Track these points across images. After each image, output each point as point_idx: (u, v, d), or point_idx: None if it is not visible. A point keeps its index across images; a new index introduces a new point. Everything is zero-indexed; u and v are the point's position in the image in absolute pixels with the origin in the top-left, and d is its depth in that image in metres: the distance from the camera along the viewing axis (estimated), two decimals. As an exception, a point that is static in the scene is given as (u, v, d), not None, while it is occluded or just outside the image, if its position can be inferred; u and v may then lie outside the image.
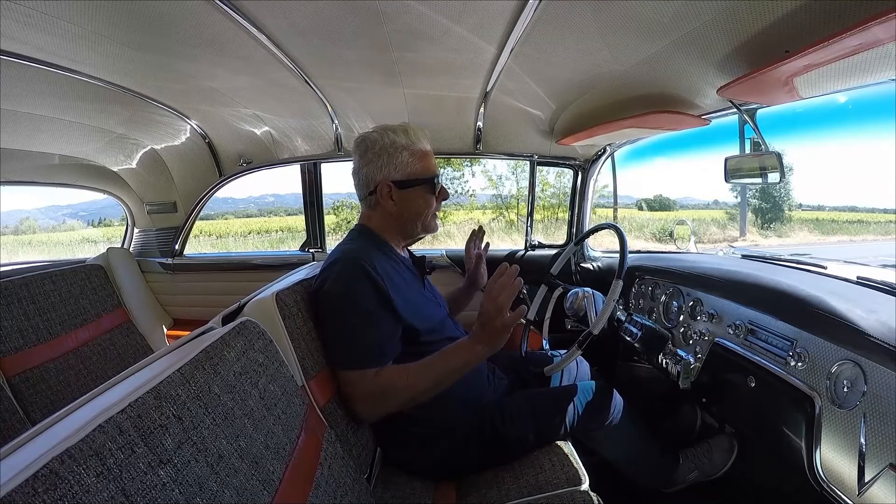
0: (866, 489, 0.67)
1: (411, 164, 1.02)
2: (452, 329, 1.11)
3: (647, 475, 1.23)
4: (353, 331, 0.91)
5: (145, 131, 1.68)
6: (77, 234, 11.70)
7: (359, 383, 0.90)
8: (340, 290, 0.92)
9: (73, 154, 1.75)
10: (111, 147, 1.75)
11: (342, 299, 0.92)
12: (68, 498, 0.37)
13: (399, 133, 1.03)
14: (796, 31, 0.77)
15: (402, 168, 1.02)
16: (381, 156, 1.02)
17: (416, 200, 1.04)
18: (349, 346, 0.91)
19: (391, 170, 1.02)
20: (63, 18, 0.88)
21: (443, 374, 0.91)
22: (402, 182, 1.02)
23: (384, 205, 1.04)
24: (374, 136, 1.03)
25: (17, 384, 1.29)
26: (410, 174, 1.03)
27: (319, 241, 1.99)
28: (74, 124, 1.50)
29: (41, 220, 12.37)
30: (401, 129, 1.03)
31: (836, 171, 10.58)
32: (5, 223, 11.18)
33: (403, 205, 1.04)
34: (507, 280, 0.84)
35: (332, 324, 0.93)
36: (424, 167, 1.04)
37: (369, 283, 0.91)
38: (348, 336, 0.91)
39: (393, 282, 0.95)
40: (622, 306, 1.50)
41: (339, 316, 0.92)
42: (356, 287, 0.91)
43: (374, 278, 0.91)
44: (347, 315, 0.91)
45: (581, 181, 1.88)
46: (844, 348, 0.77)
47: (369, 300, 0.91)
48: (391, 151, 1.02)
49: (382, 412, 0.92)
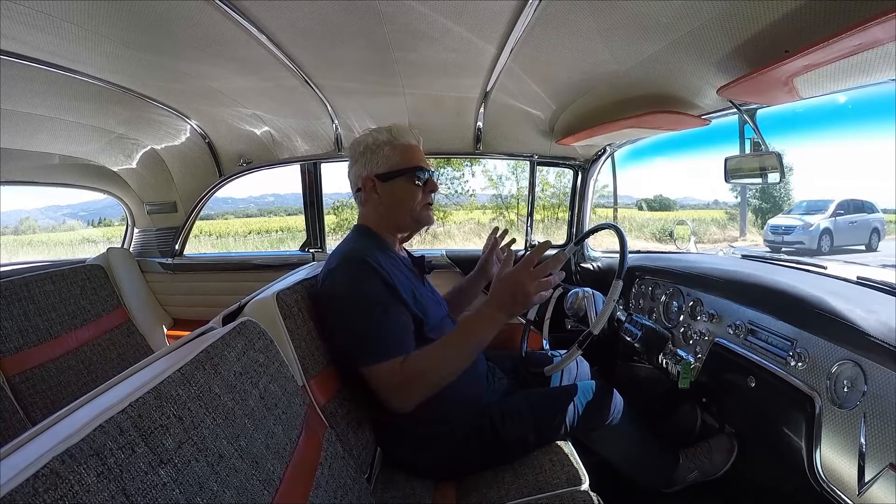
0: (866, 489, 0.67)
1: (392, 157, 1.04)
2: (451, 329, 1.11)
3: (647, 475, 1.23)
4: (371, 325, 0.90)
5: (145, 131, 1.68)
6: (77, 234, 11.70)
7: (387, 376, 0.89)
8: (350, 288, 0.92)
9: (73, 154, 1.75)
10: (111, 147, 1.75)
11: (354, 297, 0.92)
12: (69, 498, 0.37)
13: (383, 132, 1.06)
14: (796, 31, 0.77)
15: (384, 162, 1.04)
16: (365, 154, 1.06)
17: (399, 191, 1.05)
18: (370, 341, 0.90)
19: (374, 165, 1.05)
20: (63, 18, 0.88)
21: (469, 348, 0.92)
22: (384, 175, 1.04)
23: (371, 199, 1.06)
24: (362, 137, 1.08)
25: (17, 384, 1.29)
26: (392, 166, 1.04)
27: (319, 241, 1.99)
28: (74, 124, 1.50)
29: (41, 220, 12.38)
30: (386, 128, 1.07)
31: (836, 171, 10.59)
32: (5, 223, 11.20)
33: (388, 197, 1.05)
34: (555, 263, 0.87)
35: (347, 324, 0.93)
36: (406, 159, 1.05)
37: (377, 277, 0.92)
38: (367, 331, 0.90)
39: (397, 277, 0.96)
40: (622, 306, 1.50)
41: (353, 314, 0.92)
42: (365, 283, 0.92)
43: (381, 272, 0.92)
44: (362, 311, 0.91)
45: (581, 181, 1.88)
46: (844, 348, 0.77)
47: (380, 293, 0.92)
48: (374, 148, 1.05)
49: (418, 399, 0.91)
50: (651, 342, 1.24)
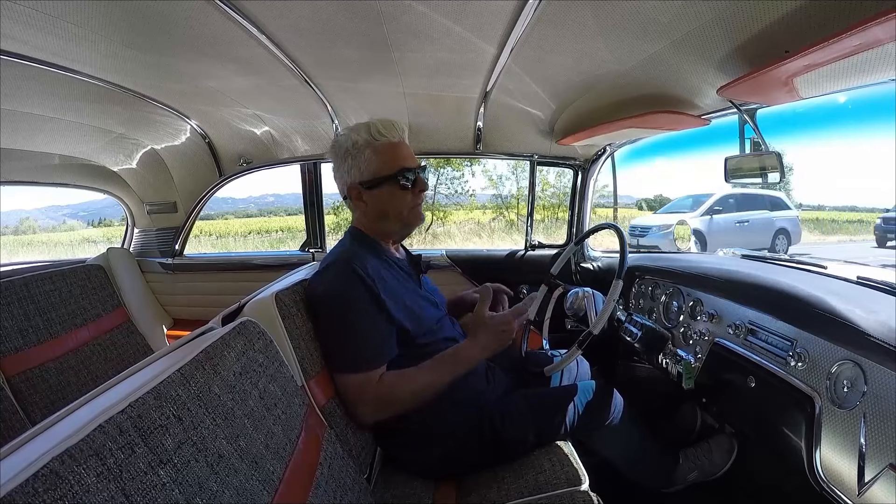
0: (866, 489, 0.67)
1: (375, 162, 0.99)
2: (450, 329, 1.11)
3: (647, 475, 1.23)
4: (348, 334, 0.91)
5: (145, 131, 1.68)
6: (77, 234, 11.70)
7: (359, 388, 0.91)
8: (333, 293, 0.93)
9: (73, 154, 1.75)
10: (111, 147, 1.75)
11: (335, 302, 0.92)
12: (68, 498, 0.37)
13: (361, 131, 0.99)
14: (796, 31, 0.77)
15: (367, 167, 0.99)
16: (346, 159, 1.01)
17: (386, 198, 1.01)
18: (346, 348, 0.91)
19: (357, 172, 1.00)
20: (63, 18, 0.88)
21: (446, 380, 0.94)
22: (369, 182, 1.00)
23: (358, 207, 1.04)
24: (341, 139, 1.02)
25: (17, 384, 1.29)
26: (375, 172, 0.99)
27: (319, 241, 1.99)
28: (74, 124, 1.50)
29: (41, 220, 12.39)
30: (364, 126, 1.00)
31: (837, 171, 10.59)
32: (5, 223, 11.21)
33: (375, 205, 1.02)
34: (515, 323, 0.96)
35: (327, 327, 0.94)
36: (389, 162, 0.99)
37: (361, 285, 0.91)
38: (345, 338, 0.91)
39: (386, 283, 0.95)
40: (622, 306, 1.50)
41: (333, 319, 0.93)
42: (348, 290, 0.91)
43: (366, 281, 0.91)
44: (342, 317, 0.91)
45: (581, 181, 1.88)
46: (844, 348, 0.77)
47: (363, 301, 0.91)
48: (354, 153, 0.99)
49: (383, 417, 0.93)
50: (651, 342, 1.24)
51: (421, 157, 2.06)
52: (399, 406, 0.93)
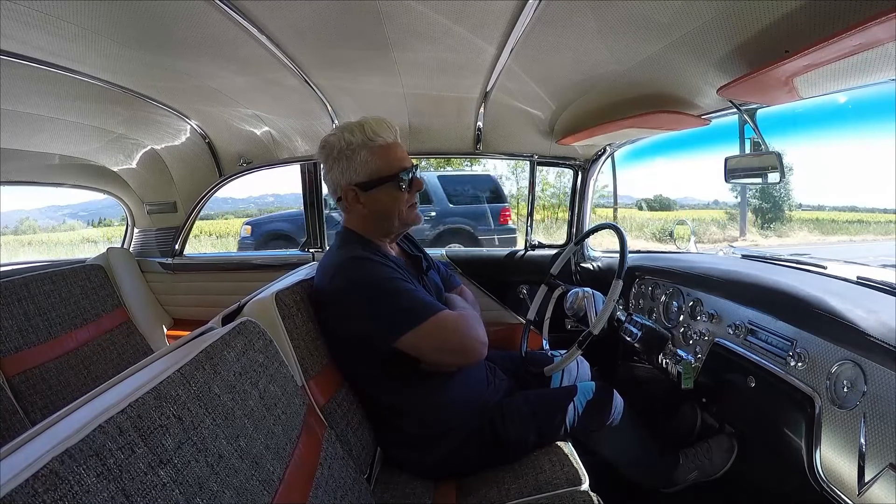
0: (866, 489, 0.67)
1: (372, 163, 0.98)
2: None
3: (647, 475, 1.23)
4: (396, 295, 0.90)
5: (145, 131, 1.68)
6: (77, 234, 11.70)
7: (438, 329, 0.90)
8: (356, 278, 0.92)
9: (73, 154, 1.75)
10: (111, 147, 1.75)
11: (371, 280, 0.91)
12: (68, 498, 0.37)
13: (355, 131, 0.98)
14: (796, 31, 0.77)
15: (363, 168, 0.98)
16: (339, 160, 0.99)
17: (384, 199, 1.00)
18: (402, 305, 0.89)
19: (352, 173, 0.98)
20: (63, 18, 0.88)
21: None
22: (366, 184, 0.98)
23: (354, 209, 1.02)
24: (332, 139, 1.00)
25: (17, 384, 1.29)
26: (373, 173, 0.98)
27: (319, 241, 1.99)
28: (74, 124, 1.50)
29: (41, 220, 12.39)
30: (357, 126, 0.98)
31: (837, 171, 10.59)
32: (5, 223, 11.21)
33: (373, 206, 1.01)
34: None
35: (369, 307, 0.90)
36: (387, 163, 0.99)
37: (379, 264, 0.92)
38: (395, 301, 0.90)
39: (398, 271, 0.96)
40: (622, 306, 1.50)
41: (375, 294, 0.90)
42: (369, 271, 0.92)
43: (388, 261, 0.93)
44: (384, 290, 0.90)
45: (581, 181, 1.88)
46: (844, 348, 0.77)
47: (388, 272, 0.92)
48: (348, 154, 0.98)
49: (471, 344, 0.93)
50: (651, 342, 1.24)
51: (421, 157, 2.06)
52: (480, 329, 0.94)
